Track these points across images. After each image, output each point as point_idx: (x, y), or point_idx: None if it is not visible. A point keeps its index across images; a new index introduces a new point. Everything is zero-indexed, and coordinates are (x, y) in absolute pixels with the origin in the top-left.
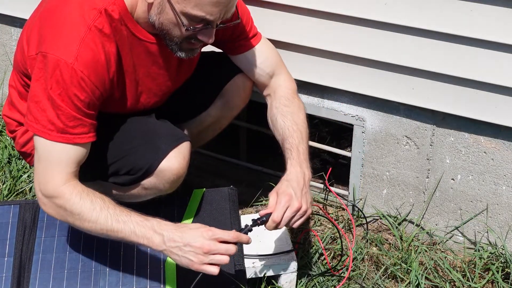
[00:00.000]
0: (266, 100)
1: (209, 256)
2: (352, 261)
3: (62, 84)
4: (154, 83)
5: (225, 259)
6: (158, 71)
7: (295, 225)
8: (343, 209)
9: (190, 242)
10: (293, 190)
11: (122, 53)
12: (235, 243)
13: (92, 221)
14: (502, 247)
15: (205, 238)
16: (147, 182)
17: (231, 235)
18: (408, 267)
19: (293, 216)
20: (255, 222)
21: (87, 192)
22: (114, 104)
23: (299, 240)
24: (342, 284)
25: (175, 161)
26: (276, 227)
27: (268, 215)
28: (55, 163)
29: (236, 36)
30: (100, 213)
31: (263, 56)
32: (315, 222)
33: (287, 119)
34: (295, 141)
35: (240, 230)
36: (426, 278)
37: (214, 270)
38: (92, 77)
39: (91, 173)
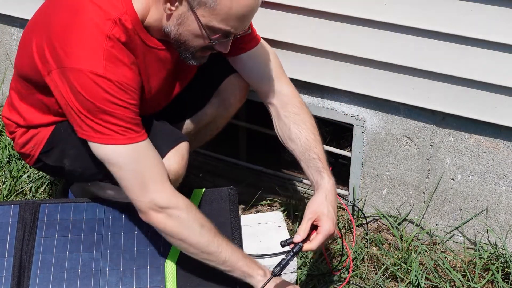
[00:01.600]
0: (268, 108)
1: None
2: (352, 261)
3: (104, 94)
4: (164, 89)
5: None
6: (167, 77)
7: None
8: (343, 209)
9: None
10: (332, 212)
11: (138, 61)
12: None
13: (210, 239)
14: (502, 247)
15: None
16: None
17: None
18: (408, 267)
19: (325, 239)
20: (293, 253)
21: (201, 218)
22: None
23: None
24: (343, 286)
25: (173, 161)
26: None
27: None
28: (147, 165)
29: (236, 38)
30: (216, 234)
31: (261, 59)
32: None
33: (302, 128)
34: (320, 152)
35: (281, 266)
36: (426, 278)
37: None
38: (126, 80)
39: (89, 173)
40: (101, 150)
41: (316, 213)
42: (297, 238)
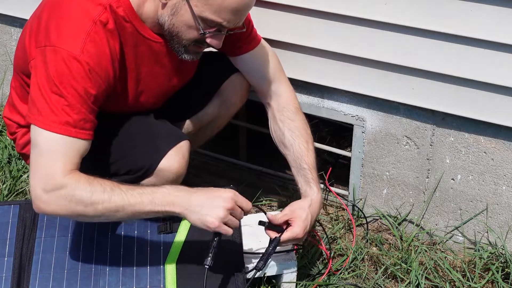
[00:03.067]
0: (266, 108)
1: (228, 216)
2: (352, 261)
3: (68, 76)
4: (155, 82)
5: (237, 223)
6: (160, 71)
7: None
8: (343, 209)
9: (214, 199)
10: (309, 220)
11: (125, 50)
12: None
13: (106, 201)
14: (502, 247)
15: (230, 196)
16: (147, 181)
17: (249, 205)
18: (408, 267)
19: (290, 239)
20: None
21: (93, 178)
22: (114, 102)
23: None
24: (340, 283)
25: (174, 161)
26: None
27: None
28: (59, 155)
29: (236, 38)
30: (112, 192)
31: (261, 60)
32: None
33: (296, 136)
34: (311, 161)
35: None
36: (426, 278)
37: (230, 231)
38: (98, 69)
39: (90, 173)
40: (34, 130)
41: (294, 213)
42: (269, 215)
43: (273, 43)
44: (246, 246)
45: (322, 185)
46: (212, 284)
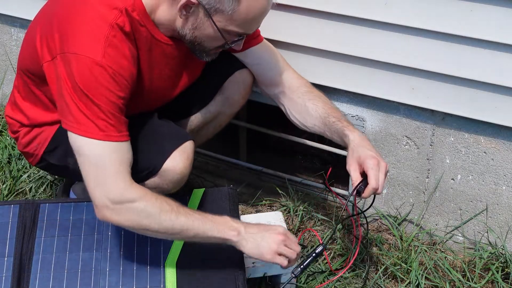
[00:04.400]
0: (279, 99)
1: (281, 247)
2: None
3: (96, 84)
4: (166, 84)
5: (293, 255)
6: (171, 72)
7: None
8: (343, 209)
9: (268, 231)
10: (370, 151)
11: (140, 53)
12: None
13: (173, 220)
14: (502, 247)
15: (282, 232)
16: (151, 182)
17: (297, 249)
18: (408, 267)
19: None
20: (355, 193)
21: (156, 193)
22: (130, 103)
23: (299, 240)
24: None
25: (179, 161)
26: (374, 193)
27: (360, 185)
28: (113, 164)
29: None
30: (178, 212)
31: (270, 51)
32: (315, 222)
33: (318, 101)
34: (338, 115)
35: (302, 267)
36: (426, 278)
37: (284, 262)
38: (121, 72)
39: None
40: (76, 139)
41: (354, 160)
42: (355, 180)
43: (273, 43)
44: None
45: (322, 185)
46: (213, 284)
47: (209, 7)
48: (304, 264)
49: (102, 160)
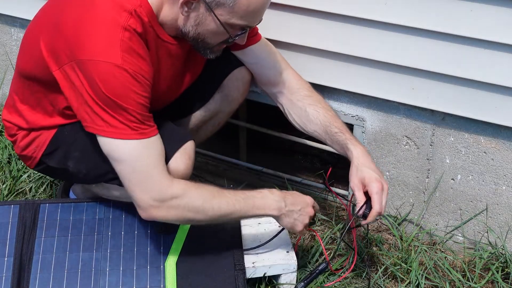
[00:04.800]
0: (278, 99)
1: (309, 220)
2: (353, 260)
3: (121, 88)
4: (172, 83)
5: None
6: (175, 71)
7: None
8: (343, 209)
9: (303, 207)
10: (374, 172)
11: (150, 53)
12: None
13: (215, 207)
14: (502, 247)
15: (310, 204)
16: None
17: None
18: (408, 267)
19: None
20: (358, 220)
21: (198, 183)
22: None
23: (299, 240)
24: (341, 283)
25: (181, 162)
26: (378, 215)
27: (363, 208)
28: (152, 162)
29: None
30: (220, 198)
31: (268, 50)
32: (315, 222)
33: (319, 108)
34: (340, 125)
35: (342, 231)
36: (426, 278)
37: (305, 230)
38: (142, 72)
39: (94, 175)
40: (111, 144)
41: (359, 181)
42: (360, 201)
43: (273, 43)
44: (245, 246)
45: (322, 185)
46: (213, 284)
47: (210, 1)
48: (306, 280)
49: (140, 161)
